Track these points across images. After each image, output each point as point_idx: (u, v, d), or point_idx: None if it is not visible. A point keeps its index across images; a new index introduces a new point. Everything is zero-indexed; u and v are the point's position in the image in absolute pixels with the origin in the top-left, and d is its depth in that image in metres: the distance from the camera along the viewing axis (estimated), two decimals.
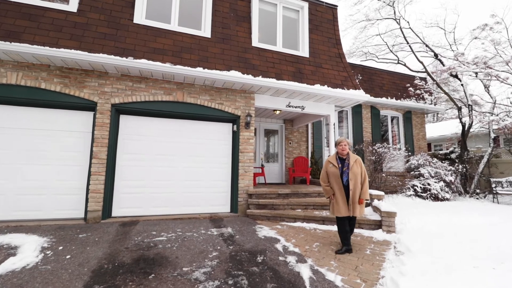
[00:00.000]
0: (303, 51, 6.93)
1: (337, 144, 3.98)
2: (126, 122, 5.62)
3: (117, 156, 5.46)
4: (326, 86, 6.54)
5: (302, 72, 6.59)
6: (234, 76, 5.62)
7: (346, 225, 3.87)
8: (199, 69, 5.40)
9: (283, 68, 6.41)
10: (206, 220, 5.35)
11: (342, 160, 3.91)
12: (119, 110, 5.46)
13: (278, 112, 8.14)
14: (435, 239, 4.30)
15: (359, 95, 6.80)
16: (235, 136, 6.20)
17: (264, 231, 4.71)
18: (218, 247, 3.77)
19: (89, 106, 5.29)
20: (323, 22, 7.42)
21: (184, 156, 5.86)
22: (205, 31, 5.99)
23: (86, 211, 5.08)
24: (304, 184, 8.61)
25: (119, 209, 5.38)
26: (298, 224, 5.24)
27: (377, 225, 4.94)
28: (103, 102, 5.29)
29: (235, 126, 6.23)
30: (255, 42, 6.37)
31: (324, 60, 7.06)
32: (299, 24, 7.13)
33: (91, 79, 5.29)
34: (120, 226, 4.75)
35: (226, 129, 6.31)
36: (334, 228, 4.92)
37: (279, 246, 3.92)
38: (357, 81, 7.17)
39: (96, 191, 5.08)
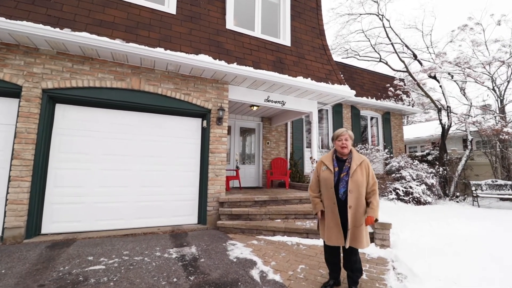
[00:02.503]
0: (284, 39, 6.16)
1: (334, 138, 2.73)
2: (64, 113, 4.44)
3: (50, 156, 4.27)
4: (309, 79, 5.81)
5: (283, 62, 5.80)
6: (204, 61, 4.67)
7: (337, 255, 2.77)
8: (160, 49, 4.38)
9: (262, 56, 5.58)
10: (166, 236, 4.34)
11: (341, 161, 2.69)
12: (54, 97, 4.28)
13: (255, 108, 7.31)
14: (438, 256, 3.68)
15: (345, 91, 6.16)
16: (205, 134, 5.25)
17: (237, 249, 3.82)
18: (174, 279, 2.81)
19: (11, 91, 4.05)
20: (306, 9, 6.71)
21: (140, 156, 4.78)
22: (169, 6, 4.97)
23: (3, 228, 3.85)
24: (283, 188, 7.84)
25: (51, 224, 4.20)
26: (278, 238, 4.42)
27: (369, 237, 4.25)
28: (30, 87, 4.08)
29: (204, 121, 5.27)
30: (230, 25, 5.48)
31: (307, 51, 6.34)
32: (280, 9, 6.34)
33: (14, 56, 4.06)
34: (47, 249, 3.60)
35: (194, 125, 5.33)
36: (320, 242, 4.17)
37: (255, 273, 3.05)
38: (341, 75, 6.54)
39: (16, 202, 3.86)
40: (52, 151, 4.29)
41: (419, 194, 8.15)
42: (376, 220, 2.54)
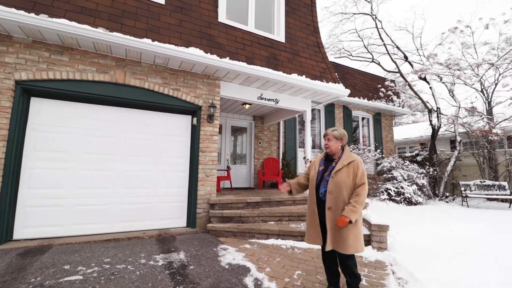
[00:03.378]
0: (279, 35, 5.96)
1: (323, 137, 2.71)
2: (41, 107, 4.07)
3: (24, 154, 3.89)
4: (304, 76, 5.63)
5: (277, 59, 5.60)
6: (195, 54, 4.41)
7: (333, 259, 2.58)
8: (147, 40, 4.09)
9: (255, 51, 5.36)
10: (152, 241, 4.04)
11: (330, 161, 2.59)
12: (28, 90, 3.91)
13: (247, 106, 7.08)
14: (437, 259, 3.57)
15: (340, 90, 6.03)
16: (195, 132, 4.98)
17: (229, 254, 3.58)
18: None
19: None
20: (301, 6, 6.55)
21: (124, 155, 4.46)
22: None
23: None
24: (275, 188, 7.65)
25: (24, 229, 3.82)
26: (271, 241, 4.21)
27: (366, 240, 4.11)
28: (1, 78, 3.70)
29: (195, 119, 5.00)
30: (222, 18, 5.23)
31: (302, 48, 6.18)
32: (274, 4, 6.15)
33: None
34: (18, 257, 3.25)
35: (183, 122, 5.05)
36: (316, 246, 3.99)
37: (249, 281, 2.82)
38: (336, 74, 6.41)
39: None
40: (26, 149, 3.92)
41: (410, 194, 8.15)
42: (350, 222, 2.26)
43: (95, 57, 4.20)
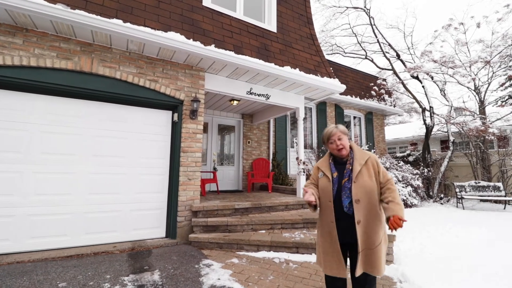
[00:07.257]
0: (270, 24, 5.47)
1: (326, 141, 2.08)
2: None
3: None
4: (297, 69, 5.16)
5: (268, 50, 5.10)
6: (175, 39, 3.84)
7: (345, 285, 2.05)
8: (117, 21, 3.49)
9: (245, 40, 4.84)
10: (123, 256, 3.44)
11: (341, 164, 2.05)
12: None
13: (235, 103, 6.56)
14: (452, 273, 3.15)
15: (335, 85, 5.61)
16: (176, 129, 4.40)
17: (214, 273, 3.04)
18: None
19: None
20: None
21: (91, 156, 3.83)
22: None
23: None
24: (265, 191, 7.16)
25: None
26: (263, 254, 3.69)
27: None
28: None
29: (175, 114, 4.42)
30: (207, 2, 4.68)
31: (295, 40, 5.70)
32: None
33: None
34: None
35: (162, 118, 4.46)
36: (314, 258, 3.51)
37: None
38: (331, 69, 5.98)
39: None
40: None
41: (405, 196, 7.85)
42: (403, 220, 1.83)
43: (56, 41, 3.56)
